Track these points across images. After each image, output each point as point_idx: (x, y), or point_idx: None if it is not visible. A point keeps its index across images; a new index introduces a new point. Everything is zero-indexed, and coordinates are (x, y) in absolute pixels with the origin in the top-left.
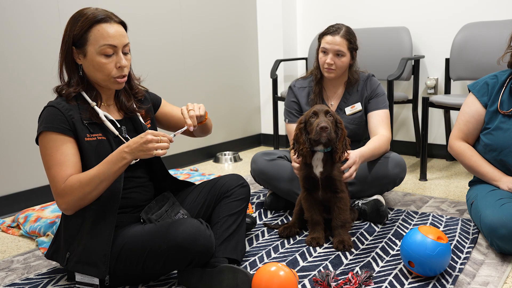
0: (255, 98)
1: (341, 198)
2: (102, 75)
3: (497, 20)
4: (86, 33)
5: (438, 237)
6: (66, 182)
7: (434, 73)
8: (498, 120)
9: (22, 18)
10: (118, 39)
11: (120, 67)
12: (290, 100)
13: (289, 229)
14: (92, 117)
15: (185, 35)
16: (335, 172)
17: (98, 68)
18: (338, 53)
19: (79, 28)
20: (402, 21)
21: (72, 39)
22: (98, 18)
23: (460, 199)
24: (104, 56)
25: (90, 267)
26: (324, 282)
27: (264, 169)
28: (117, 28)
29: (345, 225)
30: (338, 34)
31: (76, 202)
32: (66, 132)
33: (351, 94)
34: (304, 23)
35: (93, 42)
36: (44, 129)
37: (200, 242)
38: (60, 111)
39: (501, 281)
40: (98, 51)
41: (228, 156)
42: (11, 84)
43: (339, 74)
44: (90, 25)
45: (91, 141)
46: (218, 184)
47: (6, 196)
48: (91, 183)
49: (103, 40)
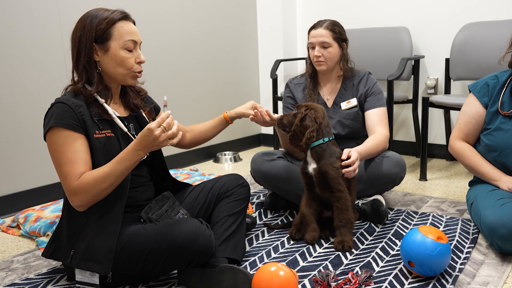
0: (255, 98)
1: (339, 197)
2: (123, 70)
3: (497, 20)
4: (111, 29)
5: (438, 237)
6: (80, 180)
7: (434, 73)
8: (499, 121)
9: (22, 18)
10: (137, 35)
11: (140, 62)
12: (286, 96)
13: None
14: (102, 114)
15: (185, 35)
16: (328, 170)
17: (120, 62)
18: (324, 45)
19: (104, 24)
20: (402, 21)
21: (94, 35)
22: (121, 15)
23: (460, 199)
24: (127, 51)
25: (94, 263)
26: (324, 282)
27: (264, 169)
28: (134, 26)
29: (346, 225)
30: (322, 26)
31: (91, 199)
32: (77, 129)
33: (347, 90)
34: (304, 23)
35: (117, 37)
36: (54, 124)
37: (200, 241)
38: (70, 107)
39: (501, 281)
40: (122, 45)
41: (228, 156)
42: (11, 84)
43: (330, 66)
44: (114, 22)
45: (100, 138)
46: (218, 184)
47: (6, 196)
48: (106, 180)
49: (127, 36)
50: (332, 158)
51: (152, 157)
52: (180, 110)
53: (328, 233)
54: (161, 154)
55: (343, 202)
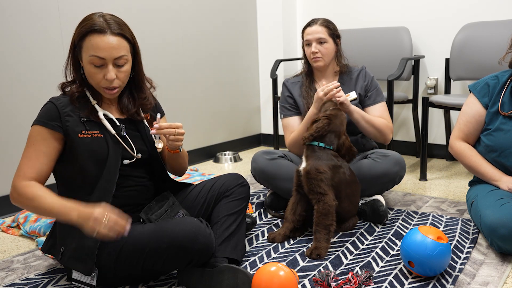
0: (255, 98)
1: (318, 200)
2: (93, 82)
3: (497, 20)
4: (81, 41)
5: (438, 237)
6: (25, 188)
7: (434, 73)
8: (499, 121)
9: (22, 18)
10: (108, 51)
11: (108, 79)
12: (284, 95)
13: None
14: (91, 116)
15: (185, 34)
16: (311, 170)
17: (89, 75)
18: (320, 41)
19: (77, 34)
20: (402, 21)
21: (73, 42)
22: (93, 28)
23: (460, 199)
24: (93, 66)
25: (79, 262)
26: (324, 282)
27: (264, 168)
28: (111, 40)
29: (321, 231)
30: (316, 23)
31: (21, 206)
32: (54, 128)
33: (344, 84)
34: (304, 23)
35: (85, 50)
36: (35, 122)
37: (200, 240)
38: (56, 107)
39: (501, 281)
40: (88, 60)
41: (228, 156)
42: (11, 84)
43: (327, 62)
44: (85, 34)
45: (84, 138)
46: (218, 184)
47: (6, 196)
48: (39, 209)
49: (92, 51)
50: (320, 162)
51: (150, 159)
52: (180, 110)
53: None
54: (159, 157)
55: (321, 206)
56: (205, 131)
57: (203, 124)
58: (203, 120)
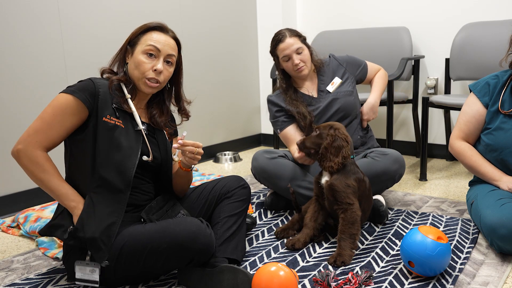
0: (255, 97)
1: (346, 209)
2: (138, 73)
3: (497, 20)
4: (141, 35)
5: (438, 237)
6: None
7: (434, 73)
8: (499, 120)
9: (22, 18)
10: (164, 45)
11: (156, 70)
12: (273, 111)
13: (286, 231)
14: (124, 104)
15: (184, 34)
16: (337, 183)
17: (137, 65)
18: (298, 51)
19: (137, 29)
20: (402, 21)
21: (129, 39)
22: (157, 26)
23: (460, 199)
24: (146, 55)
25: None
26: (324, 282)
27: (265, 167)
28: (170, 40)
29: (347, 240)
30: (287, 36)
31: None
32: (85, 102)
33: (324, 75)
34: (304, 23)
35: (143, 42)
36: (66, 91)
37: (201, 240)
38: (94, 84)
39: (501, 281)
40: (143, 49)
41: (228, 156)
42: (11, 84)
43: (309, 67)
44: (147, 29)
45: (107, 122)
46: (219, 185)
47: (6, 196)
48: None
49: (151, 41)
50: (346, 175)
51: (160, 167)
52: None
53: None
54: (170, 167)
55: (349, 214)
56: (205, 131)
57: (203, 124)
58: (203, 120)
